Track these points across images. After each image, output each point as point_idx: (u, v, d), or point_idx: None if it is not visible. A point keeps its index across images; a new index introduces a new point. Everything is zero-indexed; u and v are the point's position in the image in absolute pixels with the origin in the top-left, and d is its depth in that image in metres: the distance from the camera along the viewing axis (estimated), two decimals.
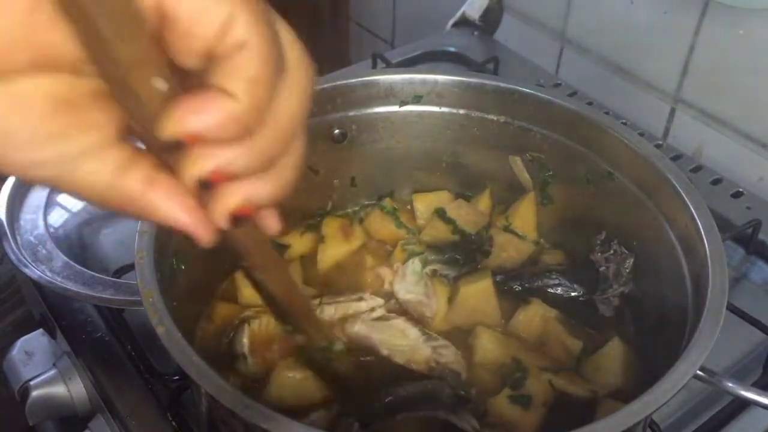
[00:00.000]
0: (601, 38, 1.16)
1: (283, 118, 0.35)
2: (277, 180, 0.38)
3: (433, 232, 0.86)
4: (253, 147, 0.35)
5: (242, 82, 0.33)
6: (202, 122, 0.33)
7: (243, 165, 0.35)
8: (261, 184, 0.37)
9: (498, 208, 0.88)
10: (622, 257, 0.77)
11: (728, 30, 0.98)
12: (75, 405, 0.81)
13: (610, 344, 0.73)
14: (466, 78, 0.82)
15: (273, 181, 0.37)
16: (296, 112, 0.36)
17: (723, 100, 1.03)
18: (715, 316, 0.59)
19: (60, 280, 0.77)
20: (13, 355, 0.86)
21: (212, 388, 0.53)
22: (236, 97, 0.33)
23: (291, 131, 0.36)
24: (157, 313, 0.58)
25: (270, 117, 0.35)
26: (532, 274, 0.80)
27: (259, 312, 0.74)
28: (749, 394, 0.59)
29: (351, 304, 0.78)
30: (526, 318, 0.76)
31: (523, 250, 0.85)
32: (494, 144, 0.84)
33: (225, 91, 0.33)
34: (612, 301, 0.77)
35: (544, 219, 0.86)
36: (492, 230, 0.86)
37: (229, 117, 0.33)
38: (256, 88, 0.33)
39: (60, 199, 0.94)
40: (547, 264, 0.83)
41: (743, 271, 0.92)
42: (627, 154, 0.75)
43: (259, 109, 0.34)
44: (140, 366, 0.77)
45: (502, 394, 0.69)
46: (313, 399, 0.68)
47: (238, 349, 0.71)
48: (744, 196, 0.99)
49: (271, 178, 0.37)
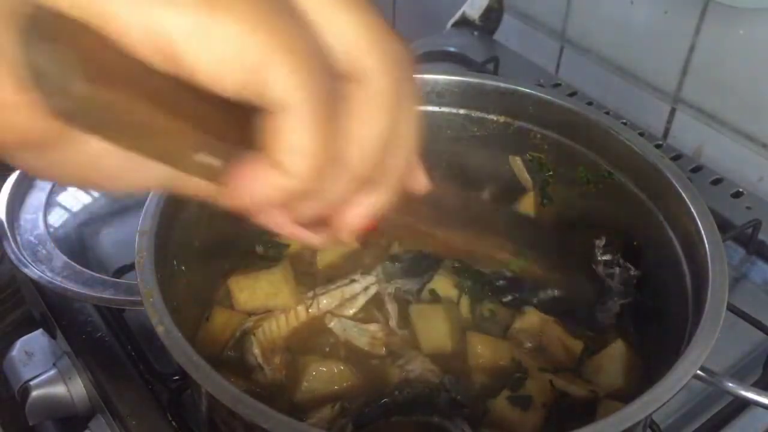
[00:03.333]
0: (601, 38, 1.16)
1: (365, 143, 0.31)
2: (387, 185, 0.34)
3: None
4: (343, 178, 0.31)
5: (288, 154, 0.28)
6: (257, 200, 0.30)
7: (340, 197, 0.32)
8: (373, 198, 0.34)
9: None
10: (627, 273, 0.75)
11: (728, 30, 0.98)
12: (75, 405, 0.81)
13: (613, 345, 0.72)
14: (466, 78, 0.82)
15: (384, 189, 0.34)
16: (380, 130, 0.31)
17: (723, 99, 1.03)
18: (715, 316, 0.59)
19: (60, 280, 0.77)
20: (13, 355, 0.86)
21: (212, 387, 0.53)
22: (287, 172, 0.29)
23: (378, 150, 0.31)
24: (157, 313, 0.58)
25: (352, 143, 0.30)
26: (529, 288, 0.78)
27: (259, 320, 0.75)
28: (749, 394, 0.59)
29: (345, 289, 0.78)
30: (523, 326, 0.76)
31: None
32: (494, 144, 0.84)
33: (273, 161, 0.29)
34: (612, 309, 0.77)
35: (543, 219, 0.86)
36: None
37: (284, 192, 0.29)
38: (307, 159, 0.28)
39: (60, 199, 0.94)
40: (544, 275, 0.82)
41: (743, 271, 0.92)
42: (627, 154, 0.75)
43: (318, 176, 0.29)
44: (140, 366, 0.77)
45: (502, 395, 0.69)
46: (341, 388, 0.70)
47: (252, 362, 0.72)
48: (744, 196, 0.99)
49: (382, 186, 0.34)
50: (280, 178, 0.29)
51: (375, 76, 0.30)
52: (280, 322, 0.75)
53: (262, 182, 0.29)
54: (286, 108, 0.27)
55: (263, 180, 0.29)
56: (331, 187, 0.31)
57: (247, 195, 0.30)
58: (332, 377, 0.70)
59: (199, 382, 0.53)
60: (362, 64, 0.30)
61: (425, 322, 0.75)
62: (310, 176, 0.29)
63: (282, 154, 0.28)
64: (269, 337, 0.74)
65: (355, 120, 0.30)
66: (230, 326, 0.75)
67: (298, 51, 0.27)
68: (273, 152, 0.28)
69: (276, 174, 0.29)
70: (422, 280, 0.79)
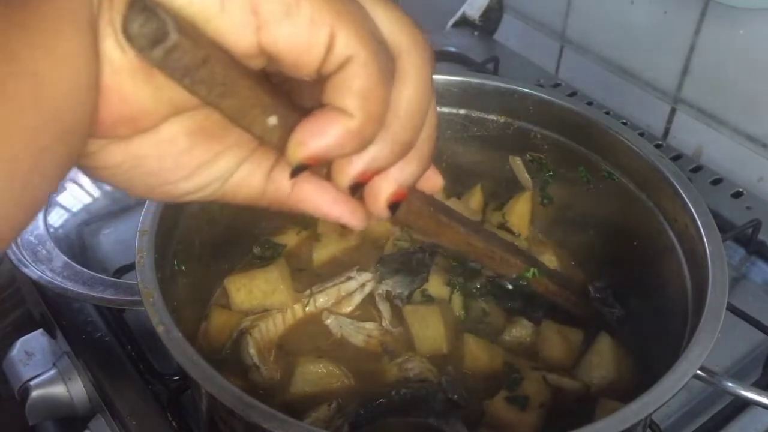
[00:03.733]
0: (601, 38, 1.16)
1: (406, 108, 0.36)
2: (419, 158, 0.39)
3: None
4: (387, 141, 0.36)
5: (353, 98, 0.33)
6: (323, 144, 0.34)
7: (383, 160, 0.37)
8: (406, 167, 0.38)
9: (492, 204, 0.88)
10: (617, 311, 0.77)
11: (728, 30, 0.98)
12: (75, 405, 0.81)
13: (599, 340, 0.73)
14: (466, 78, 0.82)
15: (416, 160, 0.39)
16: (417, 97, 0.36)
17: (723, 100, 1.03)
18: (715, 316, 0.59)
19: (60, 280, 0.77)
20: (13, 355, 0.86)
21: (212, 387, 0.53)
22: (350, 113, 0.34)
23: (418, 116, 0.37)
24: (157, 313, 0.58)
25: (394, 110, 0.35)
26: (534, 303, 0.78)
27: (255, 320, 0.75)
28: (749, 393, 0.59)
29: (341, 287, 0.78)
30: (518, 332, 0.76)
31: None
32: (494, 144, 0.84)
33: (338, 108, 0.34)
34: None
35: (543, 219, 0.86)
36: (484, 225, 0.86)
37: (347, 134, 0.34)
38: (367, 100, 0.34)
39: (60, 199, 0.94)
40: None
41: (743, 271, 0.92)
42: (627, 154, 0.75)
43: (376, 119, 0.34)
44: (140, 366, 0.77)
45: (499, 395, 0.69)
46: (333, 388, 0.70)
47: (248, 361, 0.72)
48: (744, 196, 0.99)
49: (413, 157, 0.38)
50: (344, 119, 0.34)
51: (411, 53, 0.35)
52: (277, 321, 0.75)
53: (328, 125, 0.34)
54: (353, 59, 0.33)
55: (329, 123, 0.34)
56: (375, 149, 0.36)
57: (315, 140, 0.34)
58: (328, 377, 0.71)
59: (199, 382, 0.53)
60: (400, 43, 0.35)
61: (420, 323, 0.75)
62: (370, 119, 0.34)
63: (348, 98, 0.33)
64: (266, 336, 0.74)
65: (398, 87, 0.35)
66: (228, 326, 0.75)
67: (360, 21, 0.33)
68: (339, 99, 0.33)
69: (341, 117, 0.34)
70: (414, 281, 0.78)
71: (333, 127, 0.34)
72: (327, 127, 0.34)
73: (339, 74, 0.33)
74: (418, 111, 0.36)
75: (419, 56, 0.36)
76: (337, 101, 0.34)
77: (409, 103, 0.36)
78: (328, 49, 0.32)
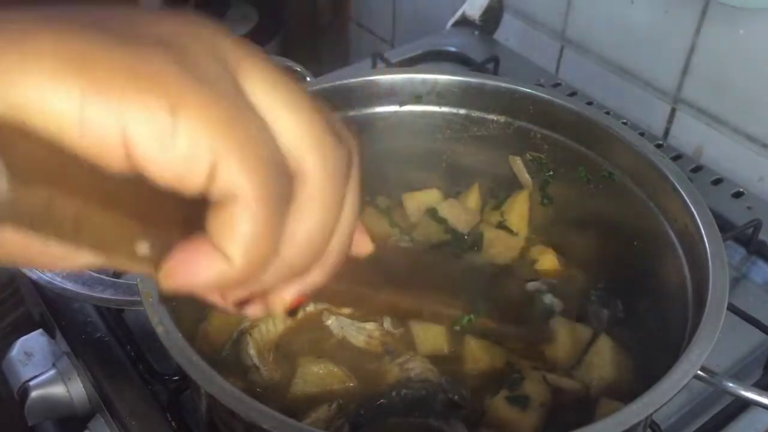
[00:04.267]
0: (601, 38, 1.16)
1: (305, 238, 0.32)
2: (323, 269, 0.35)
3: (425, 231, 0.86)
4: (280, 267, 0.32)
5: (234, 244, 0.29)
6: (193, 283, 0.30)
7: (273, 284, 0.33)
8: (308, 279, 0.35)
9: (490, 203, 0.88)
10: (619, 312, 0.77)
11: (729, 30, 0.98)
12: (74, 405, 0.80)
13: (599, 341, 0.73)
14: (466, 78, 0.82)
15: (319, 272, 0.35)
16: (320, 226, 0.32)
17: (724, 99, 1.03)
18: (715, 316, 0.59)
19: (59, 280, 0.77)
20: (13, 356, 0.86)
21: (212, 388, 0.53)
22: (229, 259, 0.29)
23: (320, 243, 0.33)
24: (157, 313, 0.58)
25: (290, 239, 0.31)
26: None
27: (255, 320, 0.74)
28: (750, 394, 0.59)
29: None
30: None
31: (513, 245, 0.85)
32: (494, 144, 0.84)
33: (218, 248, 0.30)
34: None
35: (543, 219, 0.86)
36: (482, 226, 0.86)
37: (222, 278, 0.30)
38: (252, 247, 0.29)
39: None
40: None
41: (744, 271, 0.92)
42: (627, 154, 0.75)
43: (259, 265, 0.30)
44: (140, 366, 0.77)
45: (500, 395, 0.69)
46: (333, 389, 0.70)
47: (248, 362, 0.72)
48: (744, 196, 0.99)
49: (317, 270, 0.35)
50: (222, 265, 0.30)
51: (314, 173, 0.31)
52: (277, 322, 0.75)
53: (203, 266, 0.30)
54: (238, 199, 0.28)
55: (205, 264, 0.30)
56: (266, 277, 0.32)
57: (186, 277, 0.30)
58: (329, 377, 0.70)
59: (199, 383, 0.53)
60: (303, 163, 0.31)
61: (422, 323, 0.75)
62: (251, 266, 0.30)
63: (228, 243, 0.29)
64: (266, 337, 0.74)
65: (296, 215, 0.31)
66: (227, 327, 0.75)
67: (253, 146, 0.29)
68: (219, 241, 0.29)
69: (218, 260, 0.30)
70: None
71: (207, 269, 0.30)
72: (200, 267, 0.30)
73: (222, 211, 0.29)
74: (319, 239, 0.32)
75: (323, 176, 0.31)
76: (217, 240, 0.29)
77: (309, 233, 0.32)
78: (209, 179, 0.28)
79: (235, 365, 0.72)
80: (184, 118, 0.27)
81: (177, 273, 0.30)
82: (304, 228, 0.31)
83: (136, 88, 0.26)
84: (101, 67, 0.26)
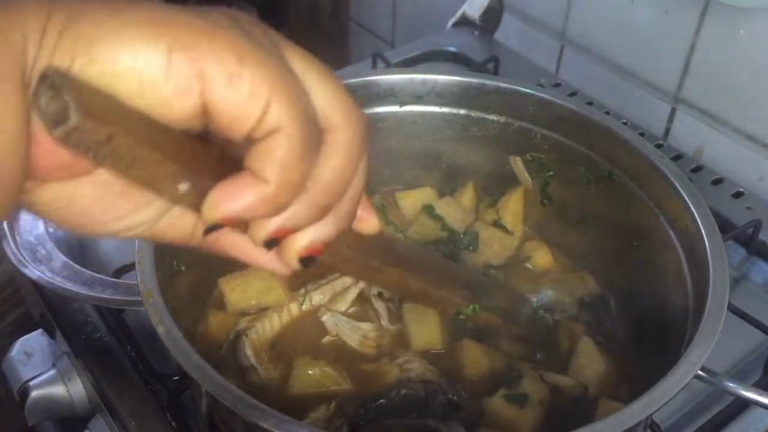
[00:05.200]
0: (601, 38, 1.16)
1: (328, 177, 0.37)
2: (337, 220, 0.40)
3: (421, 229, 0.86)
4: (305, 204, 0.37)
5: (271, 167, 0.35)
6: (236, 207, 0.35)
7: (300, 221, 0.38)
8: (322, 227, 0.39)
9: (485, 201, 0.88)
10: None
11: (729, 30, 0.98)
12: (74, 405, 0.80)
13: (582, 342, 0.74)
14: (466, 78, 0.82)
15: (333, 222, 0.40)
16: (341, 168, 0.38)
17: (724, 99, 1.03)
18: (715, 316, 0.59)
19: (60, 280, 0.77)
20: (13, 356, 0.86)
21: (212, 387, 0.53)
22: (266, 181, 0.35)
23: (341, 184, 0.38)
24: (157, 313, 0.58)
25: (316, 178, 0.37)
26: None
27: (252, 320, 0.75)
28: (750, 394, 0.59)
29: (335, 283, 0.78)
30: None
31: (508, 245, 0.85)
32: (494, 144, 0.84)
33: (256, 174, 0.35)
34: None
35: (543, 219, 0.86)
36: (477, 224, 0.86)
37: (260, 200, 0.35)
38: (285, 171, 0.35)
39: None
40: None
41: (744, 271, 0.92)
42: (627, 154, 0.75)
43: (291, 189, 0.36)
44: (140, 366, 0.77)
45: (498, 393, 0.69)
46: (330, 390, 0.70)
47: (245, 362, 0.72)
48: (744, 196, 0.99)
49: (331, 219, 0.40)
50: (260, 186, 0.35)
51: (341, 128, 0.37)
52: (273, 321, 0.75)
53: (244, 191, 0.35)
54: (280, 130, 0.34)
55: (245, 189, 0.35)
56: (294, 209, 0.37)
57: (229, 203, 0.35)
58: (324, 379, 0.70)
59: (199, 382, 0.53)
60: (332, 117, 0.37)
61: (418, 319, 0.75)
62: (285, 189, 0.35)
63: (267, 166, 0.35)
64: (262, 337, 0.74)
65: (323, 157, 0.37)
66: (224, 328, 0.75)
67: (294, 96, 0.35)
68: (259, 166, 0.35)
69: (257, 184, 0.35)
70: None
71: (247, 192, 0.35)
72: (241, 192, 0.35)
73: (263, 142, 0.35)
74: (340, 180, 0.38)
75: (349, 132, 0.38)
76: (256, 167, 0.35)
77: (332, 173, 0.37)
78: (260, 118, 0.34)
79: (233, 366, 0.72)
80: (248, 68, 0.33)
81: (221, 201, 0.35)
82: (329, 168, 0.37)
83: (210, 45, 0.33)
84: (183, 29, 0.33)
